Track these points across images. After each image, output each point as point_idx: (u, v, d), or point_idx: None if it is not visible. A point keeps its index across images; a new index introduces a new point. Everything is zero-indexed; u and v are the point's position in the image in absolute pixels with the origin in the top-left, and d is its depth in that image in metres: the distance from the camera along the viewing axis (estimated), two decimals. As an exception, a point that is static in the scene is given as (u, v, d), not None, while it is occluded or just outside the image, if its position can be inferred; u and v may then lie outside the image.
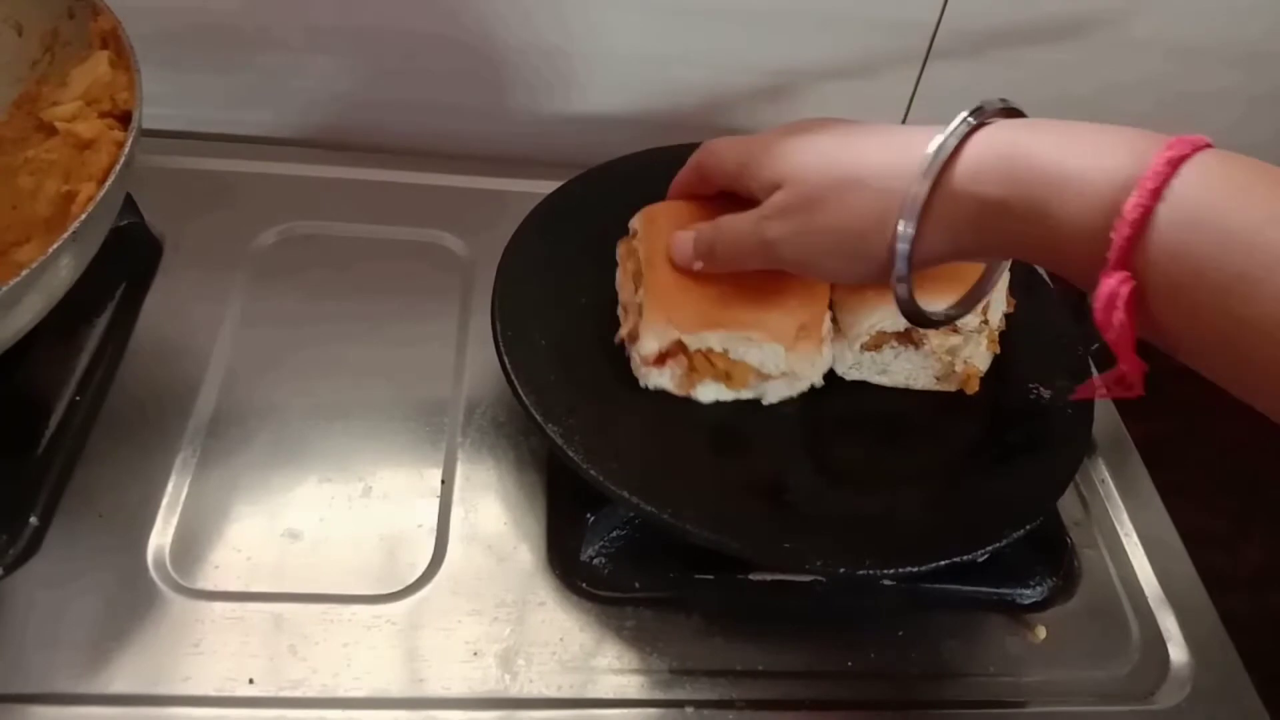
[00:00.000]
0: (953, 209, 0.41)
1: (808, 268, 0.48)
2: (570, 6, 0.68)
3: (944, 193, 0.41)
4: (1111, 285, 0.35)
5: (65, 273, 0.47)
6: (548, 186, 0.63)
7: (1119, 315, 0.35)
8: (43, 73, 0.56)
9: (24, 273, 0.42)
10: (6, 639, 0.46)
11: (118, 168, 0.48)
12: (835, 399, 0.57)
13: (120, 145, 0.49)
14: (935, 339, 0.56)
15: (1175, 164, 0.34)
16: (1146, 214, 0.34)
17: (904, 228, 0.42)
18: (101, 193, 0.46)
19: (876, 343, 0.56)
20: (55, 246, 0.43)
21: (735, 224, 0.50)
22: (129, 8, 0.53)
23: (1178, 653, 0.54)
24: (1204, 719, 0.51)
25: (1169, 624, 0.55)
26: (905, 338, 0.56)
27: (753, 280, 0.53)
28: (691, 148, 0.68)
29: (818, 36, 0.70)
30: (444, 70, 0.71)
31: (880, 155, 0.44)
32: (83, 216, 0.45)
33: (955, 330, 0.56)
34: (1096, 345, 0.66)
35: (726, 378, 0.54)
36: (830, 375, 0.57)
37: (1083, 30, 0.69)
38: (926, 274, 0.47)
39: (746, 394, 0.56)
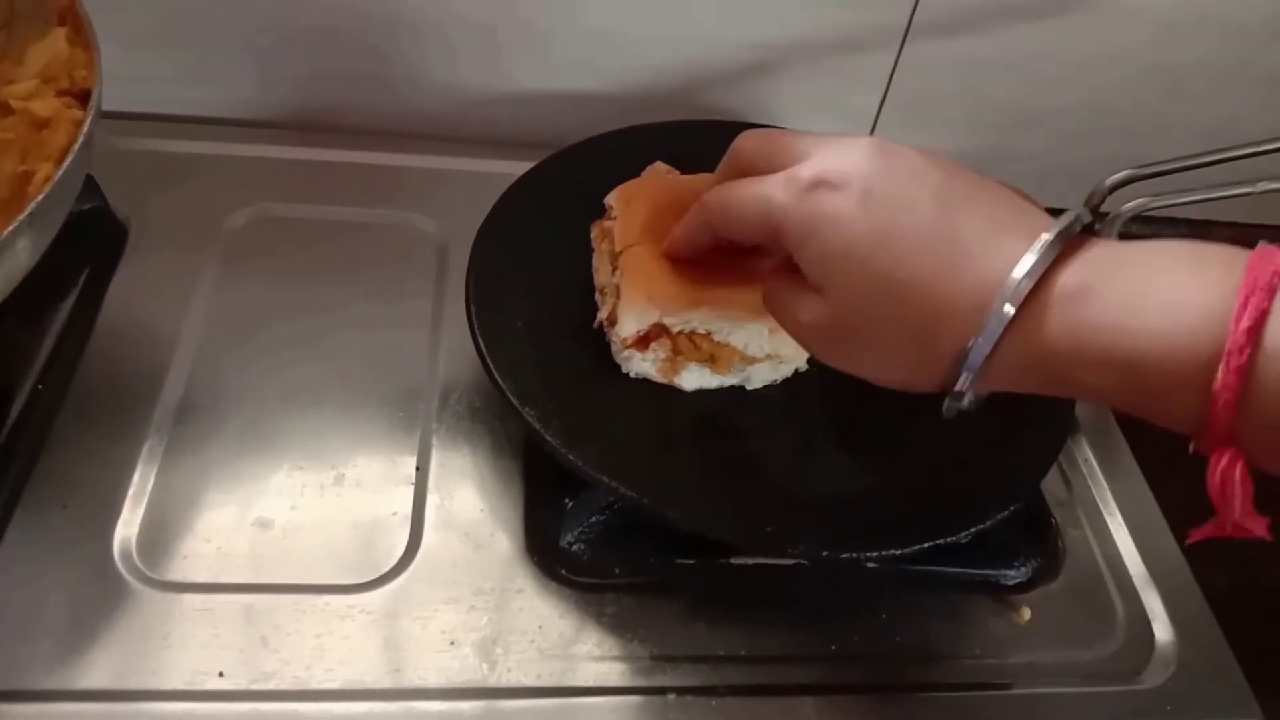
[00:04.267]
0: (1017, 367, 0.37)
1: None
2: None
3: (1008, 346, 0.37)
4: (1222, 468, 0.33)
5: (23, 256, 0.46)
6: (522, 167, 0.62)
7: (1235, 497, 0.33)
8: (-2, 50, 0.55)
9: (-23, 256, 0.41)
10: (-33, 634, 0.45)
11: (76, 147, 0.46)
12: (817, 383, 0.56)
13: (79, 124, 0.48)
14: None
15: (1255, 330, 0.31)
16: (1237, 395, 0.31)
17: (964, 381, 0.38)
18: (59, 173, 0.45)
19: None
20: (11, 228, 0.42)
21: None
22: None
23: (1163, 632, 0.53)
24: (1190, 697, 0.51)
25: (1154, 603, 0.54)
26: None
27: (735, 259, 0.52)
28: (669, 125, 0.66)
29: (796, 11, 0.69)
30: (406, 48, 0.69)
31: (942, 284, 0.37)
32: (39, 197, 0.43)
33: None
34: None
35: (711, 360, 0.53)
36: (814, 360, 0.56)
37: (1067, 4, 0.68)
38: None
39: (731, 379, 0.55)
